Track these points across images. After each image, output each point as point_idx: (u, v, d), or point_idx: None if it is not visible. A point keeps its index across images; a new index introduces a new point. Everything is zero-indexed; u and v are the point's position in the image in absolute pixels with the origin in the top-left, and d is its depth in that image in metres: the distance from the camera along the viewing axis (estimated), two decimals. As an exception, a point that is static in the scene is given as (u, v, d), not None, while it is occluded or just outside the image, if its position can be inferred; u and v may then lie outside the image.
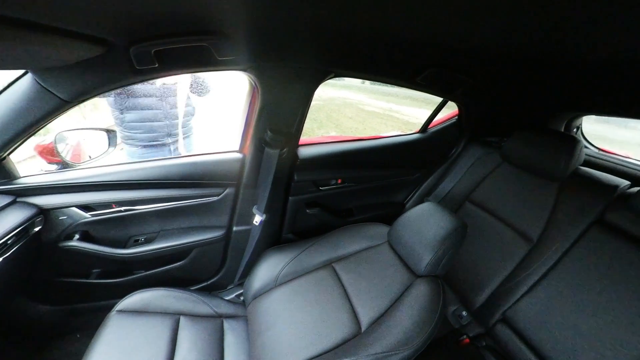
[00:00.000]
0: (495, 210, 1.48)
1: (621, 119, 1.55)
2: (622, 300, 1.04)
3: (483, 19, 0.67)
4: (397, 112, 9.95)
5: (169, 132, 1.88)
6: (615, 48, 0.73)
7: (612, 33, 0.61)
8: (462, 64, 1.29)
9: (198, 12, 0.75)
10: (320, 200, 1.58)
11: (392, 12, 0.70)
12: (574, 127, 1.80)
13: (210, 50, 0.89)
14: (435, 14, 0.68)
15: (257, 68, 1.05)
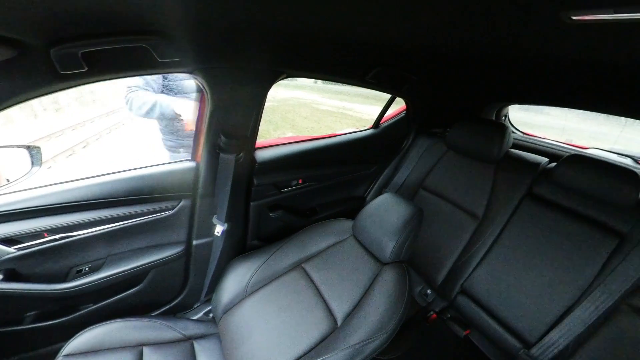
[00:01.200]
0: (446, 194, 1.63)
1: (539, 107, 1.82)
2: (554, 259, 1.23)
3: (420, 20, 0.72)
4: (350, 109, 10.28)
5: None
6: (532, 46, 0.84)
7: (528, 34, 0.71)
8: (406, 63, 1.38)
9: (133, 11, 0.68)
10: (283, 203, 1.56)
11: (337, 13, 0.72)
12: (502, 115, 2.06)
13: (150, 51, 0.82)
14: (376, 15, 0.71)
15: (205, 70, 0.99)
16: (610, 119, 1.50)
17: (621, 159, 1.65)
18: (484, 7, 0.55)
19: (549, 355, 1.12)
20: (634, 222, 1.12)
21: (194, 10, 0.73)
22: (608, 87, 1.18)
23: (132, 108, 1.48)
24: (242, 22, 0.82)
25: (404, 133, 1.95)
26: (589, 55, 0.79)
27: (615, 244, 1.12)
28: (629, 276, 1.06)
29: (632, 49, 0.65)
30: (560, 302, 1.17)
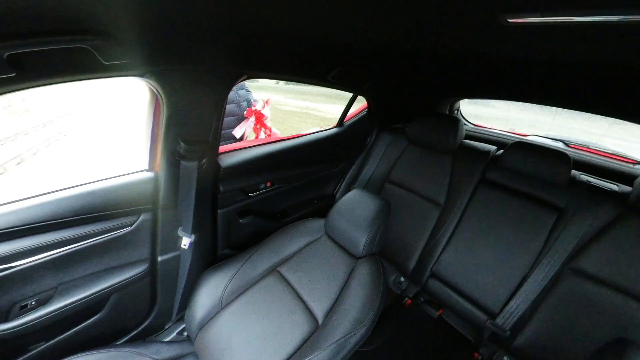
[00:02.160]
0: (410, 186, 1.72)
1: (485, 100, 2.01)
2: (508, 236, 1.37)
3: (375, 21, 0.75)
4: (314, 109, 10.32)
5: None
6: (476, 46, 0.91)
7: (472, 34, 0.77)
8: (366, 62, 1.43)
9: (70, 6, 0.60)
10: (252, 207, 1.53)
11: (297, 13, 0.72)
12: (455, 109, 2.22)
13: (93, 53, 0.73)
14: (335, 16, 0.72)
15: (157, 73, 0.92)
16: (544, 109, 1.71)
17: (555, 144, 1.88)
18: (432, 10, 0.59)
19: (511, 322, 1.25)
20: (568, 196, 1.29)
21: (143, 6, 0.67)
22: (541, 82, 1.33)
23: None
24: (198, 20, 0.78)
25: (367, 130, 2.01)
26: (525, 53, 0.89)
27: (555, 217, 1.29)
28: (569, 243, 1.22)
29: (558, 47, 0.74)
30: (516, 273, 1.31)
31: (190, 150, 1.08)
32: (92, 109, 4.46)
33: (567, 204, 1.29)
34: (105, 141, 3.72)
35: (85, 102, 4.37)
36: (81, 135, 6.54)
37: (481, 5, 0.51)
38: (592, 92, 1.27)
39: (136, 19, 0.73)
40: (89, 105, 4.58)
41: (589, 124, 3.12)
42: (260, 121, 2.47)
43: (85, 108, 4.30)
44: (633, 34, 0.53)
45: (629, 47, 0.63)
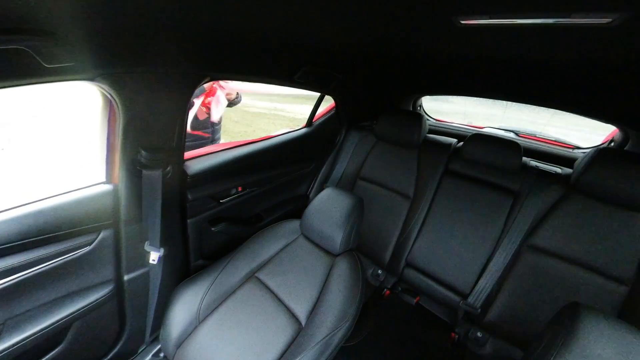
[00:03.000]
0: (380, 181, 1.78)
1: (445, 96, 2.13)
2: (472, 221, 1.47)
3: (337, 21, 0.76)
4: (282, 110, 10.23)
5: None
6: (433, 46, 0.96)
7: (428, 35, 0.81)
8: (332, 62, 1.44)
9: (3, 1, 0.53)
10: (224, 214, 1.48)
11: (258, 13, 0.71)
12: (418, 105, 2.33)
13: (32, 55, 0.64)
14: (297, 16, 0.72)
15: (110, 76, 0.84)
16: (496, 103, 1.86)
17: (507, 134, 2.05)
18: (391, 12, 0.61)
19: (481, 300, 1.36)
20: (521, 181, 1.42)
21: (89, 3, 0.60)
22: (492, 78, 1.44)
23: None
24: (154, 19, 0.73)
25: (336, 129, 2.04)
26: (477, 52, 0.95)
27: (511, 200, 1.41)
28: (524, 223, 1.34)
29: (505, 47, 0.81)
30: (482, 255, 1.42)
31: (153, 159, 1.01)
32: (38, 116, 4.00)
33: (521, 188, 1.42)
34: (54, 152, 3.36)
35: (30, 109, 3.88)
36: (25, 147, 5.84)
37: (436, 9, 0.55)
38: (535, 86, 1.40)
39: (82, 16, 0.66)
40: (33, 113, 4.10)
41: (534, 115, 3.46)
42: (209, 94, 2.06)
43: (28, 116, 3.83)
44: (565, 34, 0.60)
45: (562, 46, 0.70)
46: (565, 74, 1.11)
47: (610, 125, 1.60)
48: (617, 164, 1.14)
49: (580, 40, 0.63)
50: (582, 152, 1.78)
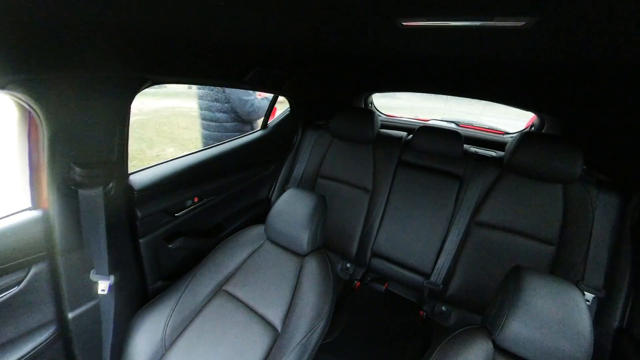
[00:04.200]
0: (340, 177, 1.82)
1: (393, 93, 2.26)
2: (427, 206, 1.60)
3: (283, 22, 0.75)
4: (236, 113, 9.84)
5: None
6: (378, 46, 1.01)
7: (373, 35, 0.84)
8: (283, 62, 1.43)
9: None
10: (182, 228, 1.37)
11: (199, 13, 0.67)
12: (369, 102, 2.43)
13: None
14: (242, 18, 0.70)
15: (27, 83, 0.71)
16: (438, 97, 2.04)
17: (449, 125, 2.26)
18: (335, 14, 0.63)
19: (442, 277, 1.49)
20: (464, 166, 1.59)
21: None
22: (434, 74, 1.57)
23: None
24: (79, 14, 0.64)
25: (292, 129, 2.03)
26: (419, 51, 1.02)
27: (458, 184, 1.57)
28: (470, 203, 1.50)
29: (442, 46, 0.88)
30: (438, 236, 1.55)
31: (90, 175, 0.89)
32: None
33: (464, 172, 1.58)
34: None
35: None
36: None
37: (379, 11, 0.58)
38: (470, 81, 1.57)
39: None
40: None
41: (470, 107, 3.86)
42: None
43: None
44: (490, 35, 0.68)
45: (489, 45, 0.79)
46: (493, 70, 1.26)
47: (530, 112, 1.86)
48: (537, 145, 1.33)
49: (502, 40, 0.72)
50: (510, 136, 2.04)
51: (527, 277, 0.81)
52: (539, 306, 0.75)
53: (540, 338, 0.72)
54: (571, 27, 0.55)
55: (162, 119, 8.56)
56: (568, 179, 1.29)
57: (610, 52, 0.69)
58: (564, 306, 0.74)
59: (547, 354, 0.72)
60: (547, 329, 0.72)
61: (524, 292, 0.78)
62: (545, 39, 0.64)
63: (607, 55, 0.72)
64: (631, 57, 0.70)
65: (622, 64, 0.79)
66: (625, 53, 0.68)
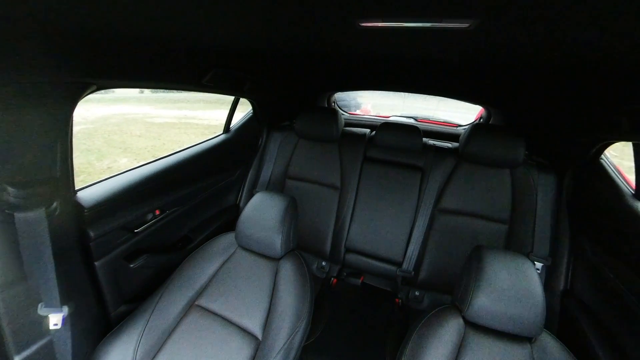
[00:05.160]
0: (308, 177, 1.83)
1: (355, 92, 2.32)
2: (394, 199, 1.67)
3: (239, 23, 0.73)
4: (194, 117, 9.37)
5: None
6: (338, 46, 1.03)
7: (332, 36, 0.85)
8: (242, 63, 1.38)
9: None
10: (143, 245, 1.27)
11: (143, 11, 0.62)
12: (332, 101, 2.46)
13: None
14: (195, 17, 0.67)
15: None
16: (397, 95, 2.13)
17: (408, 120, 2.38)
18: (294, 15, 0.63)
19: (412, 264, 1.58)
20: (424, 158, 1.69)
21: None
22: (392, 73, 1.64)
23: None
24: (8, 13, 0.56)
25: (256, 132, 1.99)
26: (377, 51, 1.06)
27: (420, 175, 1.66)
28: (432, 192, 1.60)
29: (398, 45, 0.92)
30: (406, 226, 1.63)
31: (27, 196, 0.79)
32: None
33: (425, 164, 1.68)
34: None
35: None
36: None
37: (338, 12, 0.59)
38: (425, 79, 1.66)
39: None
40: None
41: (426, 103, 4.10)
42: None
43: None
44: (440, 35, 0.72)
45: (440, 44, 0.85)
46: (444, 68, 1.35)
47: (478, 105, 2.03)
48: (485, 135, 1.47)
49: (450, 40, 0.77)
50: (463, 128, 2.21)
51: (486, 255, 0.90)
52: (499, 280, 0.84)
53: (503, 308, 0.81)
54: (508, 29, 0.61)
55: (111, 127, 7.86)
56: (513, 163, 1.45)
57: (540, 52, 0.78)
58: (519, 277, 0.84)
59: (510, 321, 0.81)
60: (508, 299, 0.81)
61: (485, 269, 0.87)
62: (487, 39, 0.70)
63: (538, 54, 0.82)
64: (557, 55, 0.80)
65: (551, 62, 0.90)
66: (553, 53, 0.78)
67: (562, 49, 0.72)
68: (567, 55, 0.78)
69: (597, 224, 1.26)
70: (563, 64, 0.92)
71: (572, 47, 0.70)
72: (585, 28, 0.54)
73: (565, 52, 0.76)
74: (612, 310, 1.09)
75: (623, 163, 1.30)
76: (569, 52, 0.75)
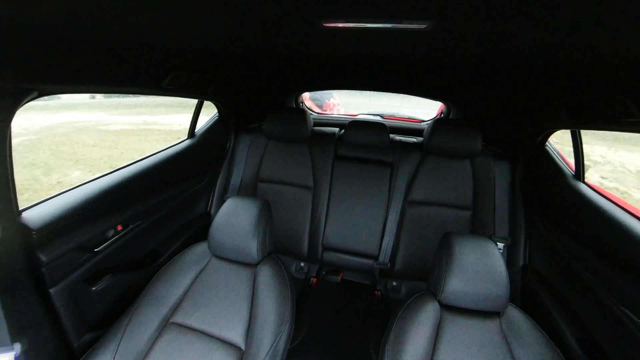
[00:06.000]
0: (280, 179, 1.82)
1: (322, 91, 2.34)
2: (366, 194, 1.72)
3: (204, 25, 0.70)
4: (155, 123, 8.81)
5: None
6: (303, 46, 1.02)
7: (296, 36, 0.85)
8: (206, 65, 1.33)
9: None
10: (106, 264, 1.17)
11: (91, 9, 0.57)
12: (299, 101, 2.46)
13: None
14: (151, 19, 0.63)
15: None
16: (363, 93, 2.19)
17: (375, 118, 2.45)
18: (258, 15, 0.62)
19: (388, 256, 1.64)
20: (392, 154, 1.75)
21: None
22: (357, 72, 1.67)
23: None
24: None
25: (223, 135, 1.92)
26: (341, 50, 1.08)
27: (389, 170, 1.73)
28: (402, 185, 1.67)
29: (361, 45, 0.94)
30: (379, 219, 1.69)
31: None
32: None
33: (393, 159, 1.75)
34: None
35: None
36: None
37: (302, 13, 0.59)
38: (388, 77, 1.72)
39: None
40: None
41: (391, 101, 4.27)
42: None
43: None
44: (401, 36, 0.75)
45: (400, 45, 0.89)
46: (407, 67, 1.41)
47: (439, 102, 2.15)
48: (446, 129, 1.56)
49: (410, 40, 0.81)
50: (426, 123, 2.33)
51: (454, 241, 0.97)
52: (467, 263, 0.91)
53: (473, 288, 0.88)
54: (460, 31, 0.65)
55: (59, 138, 7.12)
56: (472, 154, 1.56)
57: (489, 52, 0.85)
58: (485, 258, 0.92)
59: (480, 299, 0.88)
60: (476, 279, 0.88)
61: (455, 255, 0.93)
62: (442, 39, 0.75)
63: (487, 54, 0.89)
64: (503, 55, 0.87)
65: (499, 61, 0.98)
66: (500, 53, 0.85)
67: (507, 49, 0.79)
68: (512, 54, 0.86)
69: (546, 204, 1.40)
70: (510, 63, 1.00)
71: (516, 48, 0.77)
72: (527, 31, 0.60)
73: (510, 52, 0.83)
74: (565, 279, 1.22)
75: (564, 149, 1.46)
76: (513, 52, 0.83)
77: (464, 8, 0.50)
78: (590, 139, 5.17)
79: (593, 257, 1.07)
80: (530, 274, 1.42)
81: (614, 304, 0.95)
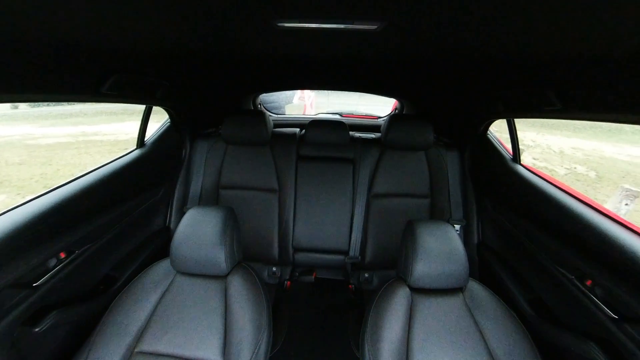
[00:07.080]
0: (243, 184, 1.77)
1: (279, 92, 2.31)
2: (331, 191, 1.76)
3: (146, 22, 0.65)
4: (96, 133, 7.93)
5: None
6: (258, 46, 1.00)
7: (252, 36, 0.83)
8: (151, 67, 1.22)
9: None
10: (50, 300, 1.02)
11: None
12: (257, 103, 2.41)
13: None
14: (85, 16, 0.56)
15: None
16: (322, 93, 2.22)
17: (334, 116, 2.51)
18: (207, 15, 0.59)
19: (358, 250, 1.70)
20: (353, 150, 1.81)
21: None
22: (313, 72, 1.69)
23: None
24: None
25: (177, 142, 1.80)
26: (296, 50, 1.07)
27: (352, 167, 1.78)
28: (364, 180, 1.74)
29: (315, 46, 0.95)
30: (346, 215, 1.74)
31: None
32: None
33: (355, 156, 1.80)
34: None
35: None
36: None
37: (257, 12, 0.58)
38: (344, 76, 1.77)
39: None
40: None
41: (348, 99, 4.38)
42: None
43: None
44: (353, 36, 0.78)
45: (353, 44, 0.91)
46: (361, 66, 1.46)
47: (393, 98, 2.26)
48: (401, 124, 1.65)
49: (362, 40, 0.84)
50: (383, 120, 2.44)
51: (417, 227, 1.05)
52: (430, 246, 0.99)
53: (438, 269, 0.96)
54: (408, 32, 0.69)
55: (-28, 158, 6.06)
56: (426, 146, 1.68)
57: (433, 51, 0.92)
58: (444, 240, 1.01)
59: (444, 278, 0.97)
60: (439, 261, 0.96)
61: (418, 240, 1.00)
62: (392, 39, 0.79)
63: (431, 53, 0.96)
64: (447, 55, 0.95)
65: (444, 58, 1.06)
66: (445, 53, 0.92)
67: (448, 48, 0.87)
68: (452, 53, 0.94)
69: (492, 186, 1.57)
70: (452, 60, 1.10)
71: (454, 47, 0.84)
72: (454, 31, 0.66)
73: (450, 51, 0.91)
74: (513, 250, 1.39)
75: (502, 136, 1.64)
76: (452, 51, 0.91)
77: (410, 11, 0.54)
78: (523, 126, 5.86)
79: (533, 228, 1.23)
80: (484, 250, 1.57)
81: (552, 265, 1.10)
